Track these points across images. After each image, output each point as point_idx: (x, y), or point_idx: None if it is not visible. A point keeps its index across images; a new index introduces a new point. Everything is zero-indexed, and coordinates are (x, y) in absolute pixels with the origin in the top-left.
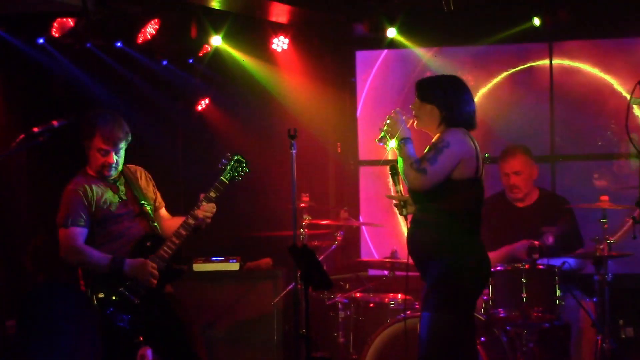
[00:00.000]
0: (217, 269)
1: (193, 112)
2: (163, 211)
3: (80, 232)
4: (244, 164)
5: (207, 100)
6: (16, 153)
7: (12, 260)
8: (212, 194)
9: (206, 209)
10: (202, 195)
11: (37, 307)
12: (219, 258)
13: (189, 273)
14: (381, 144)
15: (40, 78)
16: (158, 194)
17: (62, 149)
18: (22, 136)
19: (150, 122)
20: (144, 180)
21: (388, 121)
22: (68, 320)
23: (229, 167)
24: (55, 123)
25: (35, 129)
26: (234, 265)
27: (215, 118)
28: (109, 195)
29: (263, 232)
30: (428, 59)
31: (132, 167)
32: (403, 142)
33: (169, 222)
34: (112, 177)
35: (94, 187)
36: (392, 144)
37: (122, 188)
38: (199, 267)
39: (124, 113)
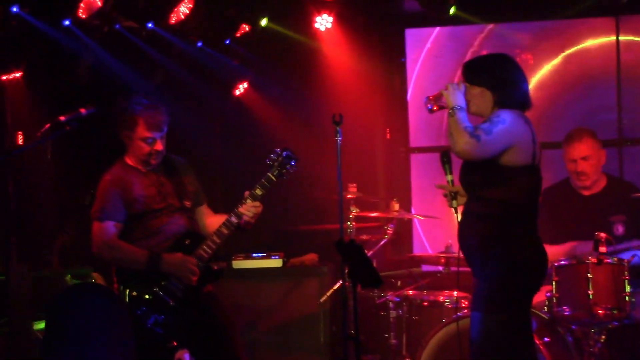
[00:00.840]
0: (258, 266)
1: (230, 97)
2: (205, 208)
3: (115, 227)
4: (294, 161)
5: (245, 85)
6: (41, 144)
7: (39, 259)
8: (258, 192)
9: (251, 208)
10: (246, 193)
11: (66, 310)
12: (260, 254)
13: (228, 271)
14: (429, 107)
15: (65, 63)
16: (200, 189)
17: (91, 139)
18: (47, 126)
19: (184, 110)
20: (186, 173)
21: (443, 90)
22: (99, 324)
23: (277, 163)
24: (82, 111)
25: (62, 118)
26: (277, 262)
27: (255, 103)
28: (147, 187)
29: (307, 226)
30: (484, 36)
31: (173, 157)
32: (458, 108)
33: (210, 219)
34: (153, 168)
35: (133, 179)
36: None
37: (162, 180)
38: (238, 264)
39: (156, 100)
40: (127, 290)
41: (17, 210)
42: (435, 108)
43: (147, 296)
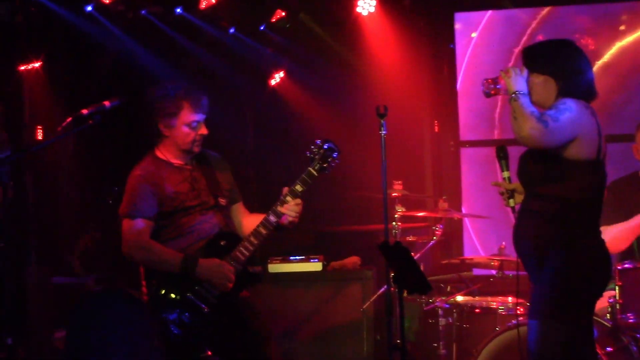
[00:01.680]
0: (296, 270)
1: (265, 87)
2: (240, 206)
3: (147, 225)
4: (336, 153)
5: (281, 74)
6: (62, 139)
7: (60, 263)
8: (298, 188)
9: (291, 206)
10: (285, 189)
11: (89, 318)
12: (298, 257)
13: (263, 275)
14: (486, 90)
15: (88, 52)
16: (235, 186)
17: (116, 134)
18: (69, 119)
19: (215, 101)
20: (221, 169)
21: (503, 73)
22: (124, 334)
23: (318, 156)
24: (106, 104)
25: (84, 111)
26: (316, 266)
27: (291, 94)
28: (180, 183)
29: (349, 227)
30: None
31: (207, 152)
32: (521, 93)
33: (247, 219)
34: (186, 163)
35: (164, 174)
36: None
37: (195, 176)
38: (275, 268)
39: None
40: (156, 294)
41: (36, 211)
42: (492, 92)
43: (178, 301)
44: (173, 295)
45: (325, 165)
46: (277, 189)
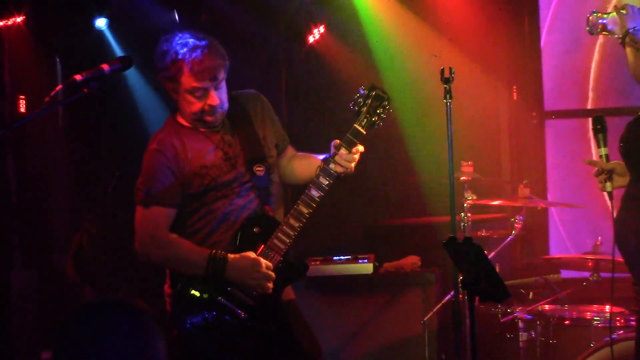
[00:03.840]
0: (341, 273)
1: (302, 45)
2: (290, 150)
3: (165, 215)
4: (386, 101)
5: (321, 29)
6: (51, 112)
7: (48, 265)
8: (343, 152)
9: (346, 156)
10: (337, 141)
11: (80, 336)
12: (343, 257)
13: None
14: (592, 27)
15: (83, 2)
16: (280, 128)
17: (118, 104)
18: (58, 87)
19: (239, 63)
20: (260, 113)
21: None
22: (124, 356)
23: (365, 107)
24: (105, 67)
25: (78, 77)
26: (366, 267)
27: (333, 53)
28: (211, 153)
29: (406, 219)
30: None
31: (236, 95)
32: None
33: (298, 162)
34: (214, 126)
35: (189, 143)
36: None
37: (227, 139)
38: (314, 270)
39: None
40: (181, 296)
41: (19, 202)
42: (599, 28)
43: (208, 305)
44: (204, 295)
45: (374, 118)
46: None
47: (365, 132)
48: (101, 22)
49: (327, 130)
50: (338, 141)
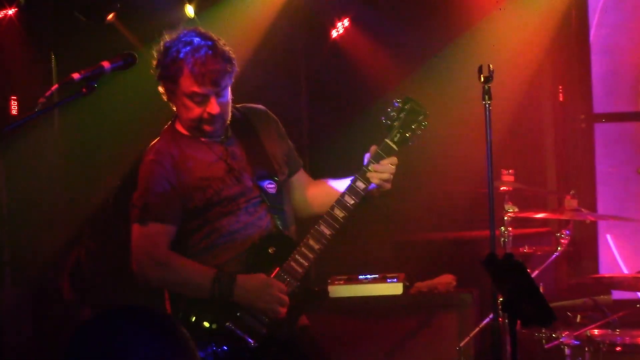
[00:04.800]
0: (368, 294)
1: (324, 39)
2: (302, 175)
3: (164, 231)
4: (422, 116)
5: (346, 22)
6: (45, 115)
7: (42, 287)
8: (371, 166)
9: (382, 167)
10: (373, 148)
11: (98, 348)
12: (369, 276)
13: (327, 295)
14: None
15: None
16: (292, 148)
17: (119, 106)
18: (54, 87)
19: (255, 58)
20: (268, 128)
21: None
22: None
23: (397, 122)
24: (106, 65)
25: (76, 75)
26: (395, 287)
27: (359, 48)
28: (213, 164)
29: (439, 234)
30: None
31: (245, 108)
32: None
33: (312, 191)
34: (216, 136)
35: (189, 153)
36: None
37: (232, 151)
38: (338, 291)
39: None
40: (186, 321)
41: (9, 214)
42: None
43: (214, 333)
44: (207, 324)
45: (408, 134)
46: (339, 174)
47: (397, 149)
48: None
49: (351, 136)
50: (374, 147)
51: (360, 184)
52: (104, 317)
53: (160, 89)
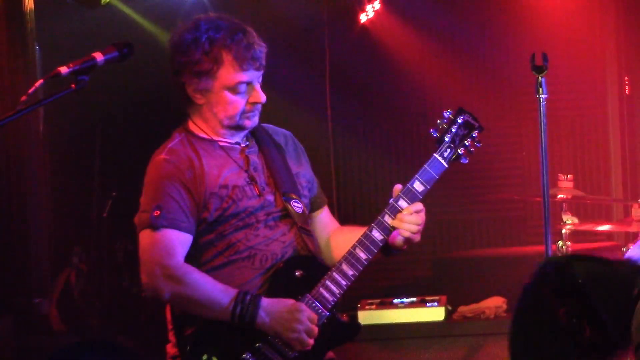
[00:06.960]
0: (405, 320)
1: (352, 25)
2: (326, 215)
3: (179, 240)
4: (477, 131)
5: (377, 5)
6: (30, 114)
7: (28, 315)
8: (418, 187)
9: (407, 216)
10: (397, 188)
11: None
12: (407, 299)
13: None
14: None
15: None
16: (316, 182)
17: (115, 104)
18: (39, 82)
19: (274, 50)
20: (293, 152)
21: None
22: None
23: (449, 136)
24: (98, 56)
25: (63, 69)
26: (436, 313)
27: (392, 36)
28: (231, 170)
29: (486, 250)
30: None
31: (270, 127)
32: None
33: (337, 235)
34: (238, 141)
35: (204, 156)
36: None
37: (254, 160)
38: (370, 317)
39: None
40: (192, 355)
41: None
42: None
43: None
44: (222, 354)
45: (461, 151)
46: (375, 189)
47: (447, 166)
48: None
49: (380, 131)
50: (399, 187)
51: (378, 234)
52: (69, 350)
53: (189, 91)
